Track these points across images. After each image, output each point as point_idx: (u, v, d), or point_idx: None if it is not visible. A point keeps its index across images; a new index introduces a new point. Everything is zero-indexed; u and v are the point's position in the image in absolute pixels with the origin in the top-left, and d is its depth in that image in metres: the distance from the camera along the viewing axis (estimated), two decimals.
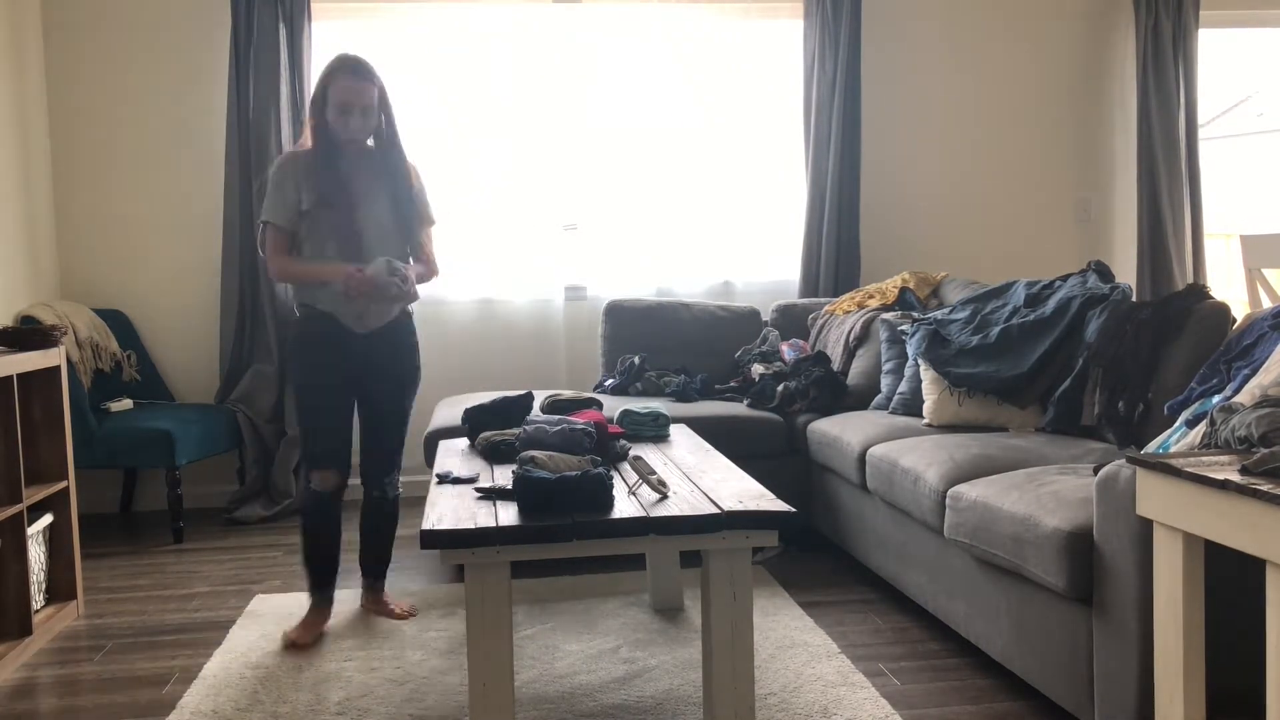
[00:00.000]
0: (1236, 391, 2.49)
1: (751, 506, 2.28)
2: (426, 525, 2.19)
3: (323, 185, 3.09)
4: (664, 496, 2.38)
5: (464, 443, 3.20)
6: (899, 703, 2.66)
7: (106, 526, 4.61)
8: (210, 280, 4.85)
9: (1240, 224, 5.54)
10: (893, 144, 5.30)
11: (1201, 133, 5.31)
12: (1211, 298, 3.17)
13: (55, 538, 3.41)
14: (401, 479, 5.19)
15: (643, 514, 2.24)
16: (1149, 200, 5.20)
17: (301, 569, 3.40)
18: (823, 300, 4.86)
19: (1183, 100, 5.21)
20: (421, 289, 3.28)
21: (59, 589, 3.42)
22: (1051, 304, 3.59)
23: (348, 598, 3.53)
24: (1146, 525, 2.09)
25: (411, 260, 3.23)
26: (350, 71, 3.08)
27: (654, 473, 2.48)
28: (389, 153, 3.20)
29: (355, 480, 5.04)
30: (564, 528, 2.19)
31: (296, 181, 3.10)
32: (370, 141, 3.22)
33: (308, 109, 3.32)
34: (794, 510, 2.29)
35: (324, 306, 3.13)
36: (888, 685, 2.77)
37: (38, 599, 3.29)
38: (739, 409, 4.08)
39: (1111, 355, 3.25)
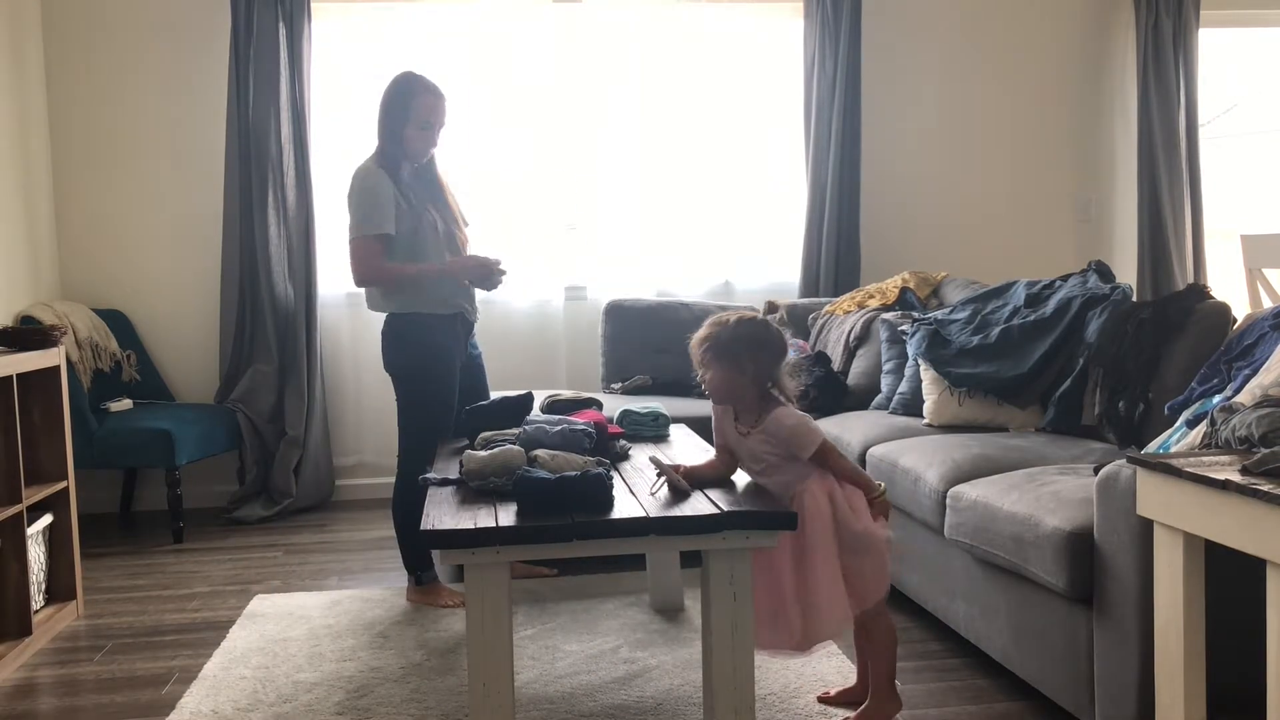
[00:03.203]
0: (1237, 391, 2.49)
1: (751, 507, 2.28)
2: (426, 525, 2.18)
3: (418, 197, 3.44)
4: (686, 495, 2.38)
5: (464, 443, 3.20)
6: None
7: (106, 526, 4.61)
8: (210, 280, 4.85)
9: (1240, 224, 5.53)
10: (893, 144, 5.29)
11: (1202, 132, 5.31)
12: (1211, 298, 3.16)
13: (55, 538, 3.41)
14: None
15: (643, 514, 2.24)
16: (1149, 200, 5.19)
17: (411, 556, 3.50)
18: (823, 300, 4.86)
19: (1183, 100, 5.21)
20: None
21: (59, 589, 3.42)
22: (1052, 304, 3.59)
23: (344, 599, 3.52)
24: (1147, 525, 2.09)
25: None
26: (432, 90, 3.42)
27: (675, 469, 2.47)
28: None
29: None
30: (564, 528, 2.19)
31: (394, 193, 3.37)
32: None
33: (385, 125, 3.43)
34: (794, 511, 2.29)
35: (453, 309, 3.48)
36: None
37: (37, 599, 3.29)
38: None
39: (1112, 355, 3.25)
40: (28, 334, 3.38)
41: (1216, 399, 2.56)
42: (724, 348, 2.41)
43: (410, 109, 3.36)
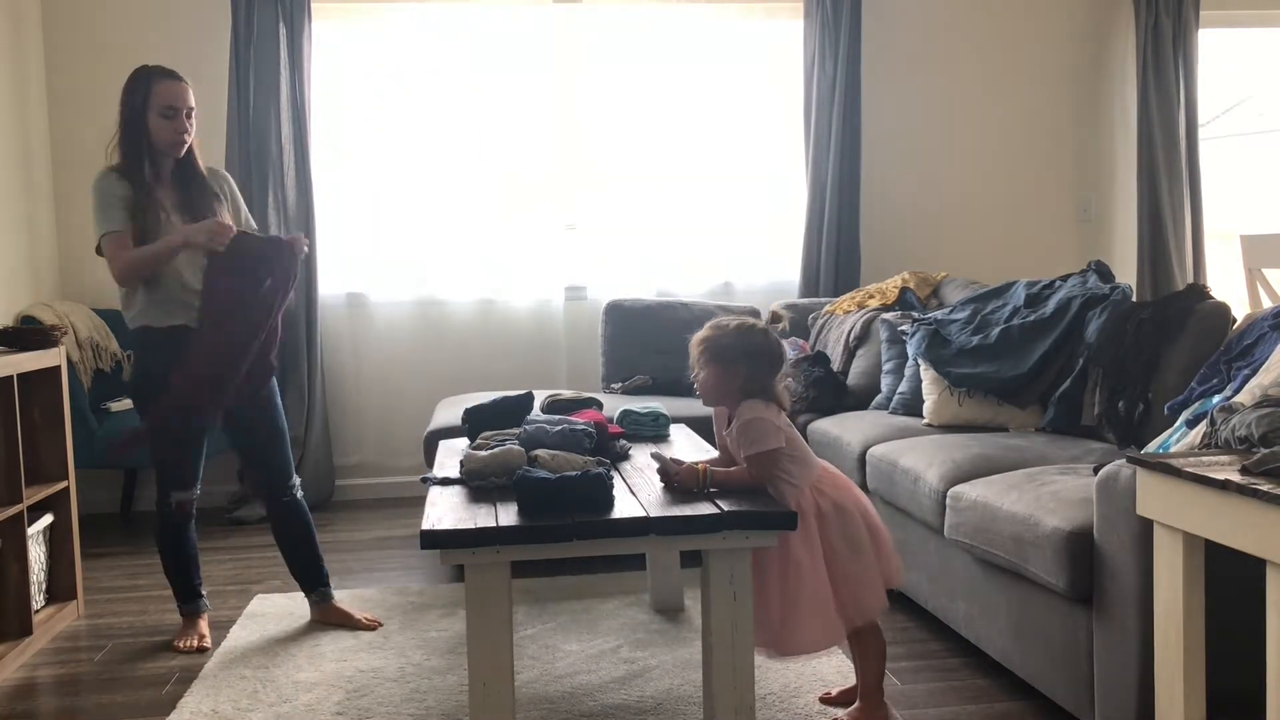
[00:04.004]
0: (1237, 391, 2.49)
1: (752, 507, 2.28)
2: (426, 525, 2.18)
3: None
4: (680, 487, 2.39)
5: (464, 443, 3.20)
6: (899, 703, 2.66)
7: (106, 526, 4.61)
8: None
9: (1240, 224, 5.53)
10: (893, 143, 5.29)
11: (1201, 133, 5.31)
12: (1211, 298, 3.17)
13: (55, 538, 3.41)
14: (401, 479, 5.17)
15: (643, 514, 2.24)
16: (1149, 200, 5.19)
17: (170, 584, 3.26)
18: (823, 300, 4.86)
19: (1183, 100, 5.20)
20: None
21: (59, 589, 3.42)
22: (1051, 304, 3.59)
23: (344, 599, 3.52)
24: (1146, 525, 2.09)
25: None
26: (169, 75, 3.06)
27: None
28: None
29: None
30: (564, 528, 2.19)
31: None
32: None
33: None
34: (794, 511, 2.29)
35: (175, 320, 3.03)
36: (888, 685, 2.76)
37: (38, 599, 3.29)
38: None
39: (1112, 355, 3.25)
40: (28, 334, 3.38)
41: (1216, 399, 2.56)
42: (720, 351, 2.41)
43: (151, 94, 3.02)
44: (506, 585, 2.20)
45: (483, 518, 2.22)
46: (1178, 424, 2.54)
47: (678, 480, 2.39)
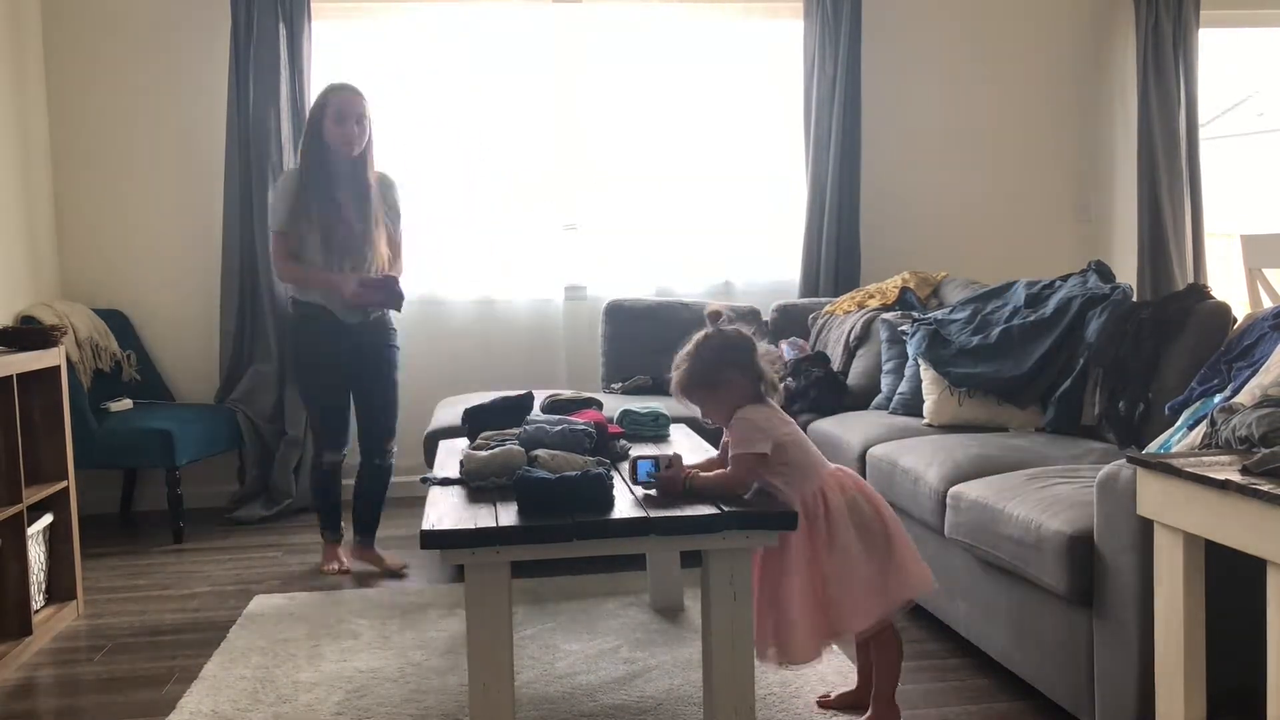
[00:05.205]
0: (1237, 392, 2.49)
1: (751, 507, 2.27)
2: (426, 525, 2.18)
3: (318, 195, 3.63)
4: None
5: (464, 443, 3.20)
6: (899, 703, 2.65)
7: (106, 526, 4.61)
8: (210, 280, 4.85)
9: (1240, 224, 5.53)
10: (893, 144, 5.29)
11: (1201, 132, 5.31)
12: (1211, 298, 3.16)
13: (55, 538, 3.41)
14: (401, 479, 5.17)
15: (643, 514, 2.24)
16: (1149, 200, 5.19)
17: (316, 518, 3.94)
18: (823, 300, 4.86)
19: (1183, 100, 5.20)
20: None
21: (59, 589, 3.42)
22: (1052, 304, 3.59)
23: (344, 598, 3.53)
24: (1147, 525, 2.09)
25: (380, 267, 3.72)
26: (344, 88, 3.64)
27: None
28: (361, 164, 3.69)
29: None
30: (564, 528, 2.19)
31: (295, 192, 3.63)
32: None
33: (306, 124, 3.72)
34: (794, 511, 2.29)
35: (318, 300, 3.66)
36: None
37: (38, 599, 3.29)
38: None
39: (1112, 355, 3.25)
40: (28, 334, 3.38)
41: (1217, 399, 2.56)
42: (700, 379, 2.43)
43: (327, 104, 3.61)
44: (506, 585, 2.20)
45: (483, 518, 2.22)
46: (1178, 424, 2.54)
47: (661, 486, 2.38)
